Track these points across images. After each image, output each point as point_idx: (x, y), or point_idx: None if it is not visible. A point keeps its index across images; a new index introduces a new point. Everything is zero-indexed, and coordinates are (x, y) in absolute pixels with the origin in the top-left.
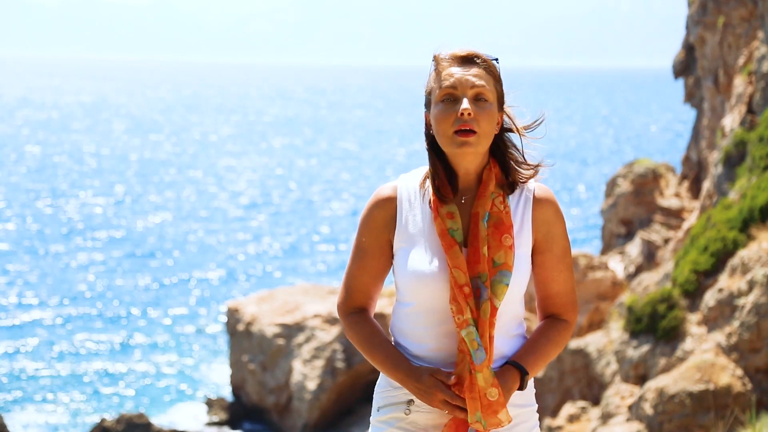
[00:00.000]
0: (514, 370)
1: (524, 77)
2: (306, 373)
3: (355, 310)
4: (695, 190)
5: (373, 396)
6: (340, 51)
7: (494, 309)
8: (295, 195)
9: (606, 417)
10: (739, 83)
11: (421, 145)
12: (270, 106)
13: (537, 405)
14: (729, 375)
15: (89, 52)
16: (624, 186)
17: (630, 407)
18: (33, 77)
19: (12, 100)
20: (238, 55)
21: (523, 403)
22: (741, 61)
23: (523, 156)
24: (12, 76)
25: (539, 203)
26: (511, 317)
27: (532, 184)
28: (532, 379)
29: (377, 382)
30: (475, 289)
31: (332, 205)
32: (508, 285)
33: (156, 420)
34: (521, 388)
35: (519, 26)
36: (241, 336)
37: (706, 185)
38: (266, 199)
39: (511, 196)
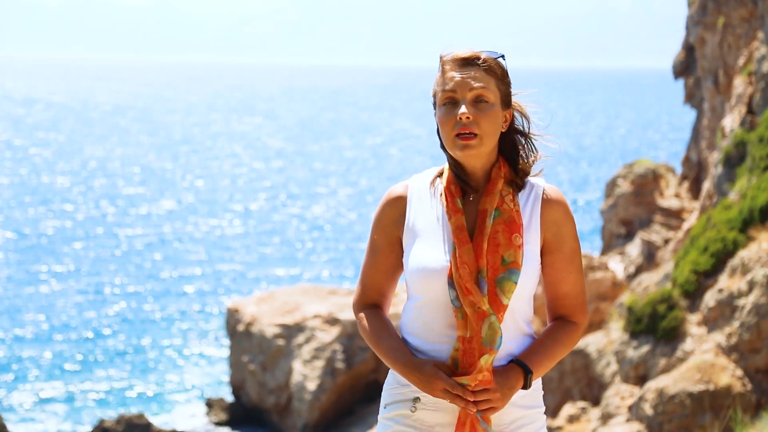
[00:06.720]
0: (517, 369)
1: (524, 77)
2: (306, 373)
3: (368, 306)
4: (695, 191)
5: (381, 393)
6: (340, 51)
7: (503, 306)
8: (297, 196)
9: (606, 417)
10: (739, 84)
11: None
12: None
13: (544, 407)
14: (729, 375)
15: (89, 52)
16: (624, 186)
17: (630, 408)
18: (33, 77)
19: (12, 100)
20: (238, 55)
21: (529, 404)
22: (741, 61)
23: (527, 154)
24: (12, 76)
25: (549, 203)
26: (520, 316)
27: (542, 183)
28: (539, 380)
29: (386, 380)
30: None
31: (338, 208)
32: (516, 283)
33: (156, 420)
34: (525, 387)
35: (519, 26)
36: (241, 336)
37: (706, 185)
38: (268, 198)
39: (520, 194)
